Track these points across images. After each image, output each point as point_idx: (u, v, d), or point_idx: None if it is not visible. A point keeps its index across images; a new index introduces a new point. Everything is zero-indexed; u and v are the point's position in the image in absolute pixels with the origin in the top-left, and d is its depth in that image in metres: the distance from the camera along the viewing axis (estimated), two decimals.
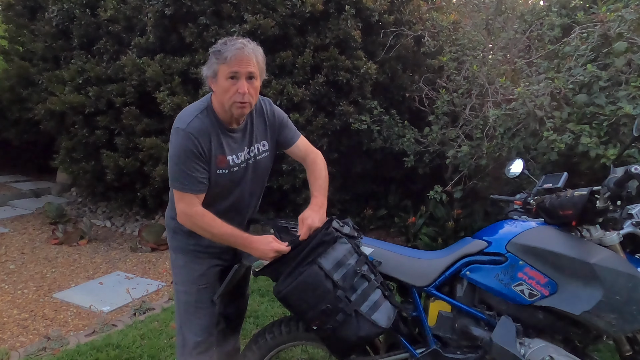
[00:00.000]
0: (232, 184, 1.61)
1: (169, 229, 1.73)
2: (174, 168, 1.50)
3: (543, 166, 2.92)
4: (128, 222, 5.07)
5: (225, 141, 1.56)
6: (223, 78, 1.46)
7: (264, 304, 3.06)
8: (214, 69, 1.47)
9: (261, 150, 1.67)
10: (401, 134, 4.07)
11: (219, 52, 1.45)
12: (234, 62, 1.43)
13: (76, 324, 2.93)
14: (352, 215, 4.71)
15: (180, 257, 1.68)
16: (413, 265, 1.66)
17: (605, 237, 1.54)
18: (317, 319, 1.42)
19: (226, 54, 1.43)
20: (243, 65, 1.45)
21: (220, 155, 1.54)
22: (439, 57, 4.02)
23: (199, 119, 1.50)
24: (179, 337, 1.74)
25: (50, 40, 4.72)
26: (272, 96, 3.82)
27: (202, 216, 1.51)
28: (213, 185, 1.56)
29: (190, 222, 1.53)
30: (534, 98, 2.86)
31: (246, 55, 1.45)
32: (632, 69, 2.66)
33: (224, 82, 1.46)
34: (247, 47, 1.46)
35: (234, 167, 1.58)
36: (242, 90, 1.45)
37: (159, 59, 3.99)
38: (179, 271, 1.70)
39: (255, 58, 1.48)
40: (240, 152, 1.60)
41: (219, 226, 1.50)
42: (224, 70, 1.45)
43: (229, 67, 1.44)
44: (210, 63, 1.49)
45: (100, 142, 4.50)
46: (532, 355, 1.49)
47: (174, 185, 1.53)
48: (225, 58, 1.43)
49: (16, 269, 3.76)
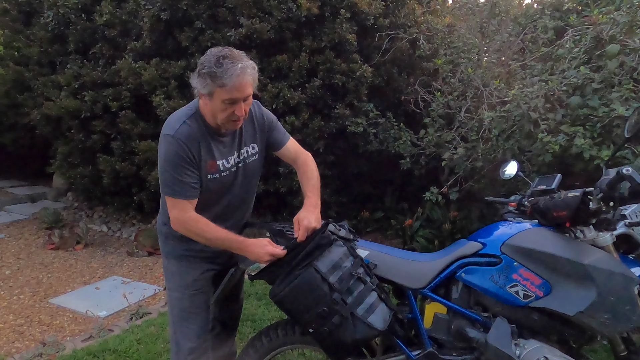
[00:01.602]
0: (223, 189, 1.61)
1: (160, 234, 1.72)
2: (164, 175, 1.50)
3: (537, 168, 2.93)
4: (125, 227, 5.06)
5: (215, 146, 1.55)
6: (219, 101, 1.43)
7: (261, 308, 3.06)
8: (210, 90, 1.42)
9: (250, 152, 1.67)
10: (397, 137, 4.09)
11: (216, 76, 1.38)
12: (233, 90, 1.40)
13: (72, 330, 2.91)
14: (349, 217, 4.71)
15: (173, 262, 1.68)
16: (408, 268, 1.67)
17: (599, 237, 1.55)
18: (314, 321, 1.43)
19: (225, 81, 1.38)
20: (241, 91, 1.42)
21: (210, 160, 1.54)
22: (434, 60, 4.04)
23: (187, 125, 1.49)
24: (173, 344, 1.73)
25: (45, 45, 4.71)
26: (268, 100, 3.83)
27: (195, 222, 1.51)
28: (204, 190, 1.56)
29: (183, 229, 1.52)
30: (528, 100, 2.88)
31: (245, 81, 1.41)
32: (625, 71, 2.69)
33: (219, 104, 1.43)
34: (246, 72, 1.41)
35: (225, 171, 1.58)
36: (240, 113, 1.45)
37: (155, 63, 3.99)
38: (172, 277, 1.69)
39: (252, 77, 1.44)
40: (230, 156, 1.60)
41: (213, 231, 1.50)
42: (222, 94, 1.41)
43: (228, 93, 1.40)
44: (205, 83, 1.41)
45: (96, 147, 4.50)
46: (527, 356, 1.49)
47: (166, 192, 1.52)
48: (224, 85, 1.38)
49: (12, 274, 3.75)
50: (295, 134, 3.98)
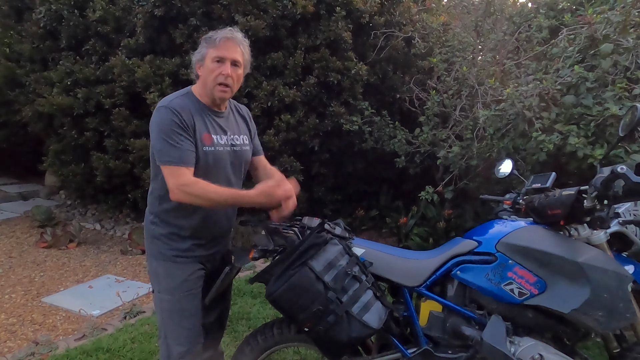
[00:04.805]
0: (219, 167, 1.61)
1: (147, 234, 1.68)
2: (160, 144, 1.49)
3: (532, 166, 2.95)
4: (118, 225, 5.02)
5: (209, 121, 1.60)
6: (210, 60, 1.55)
7: (256, 306, 3.05)
8: (203, 53, 1.58)
9: (244, 142, 1.71)
10: (392, 135, 4.09)
11: (210, 38, 1.57)
12: (221, 47, 1.54)
13: (65, 329, 2.89)
14: (344, 216, 4.72)
15: (161, 264, 1.63)
16: (404, 266, 1.67)
17: (593, 236, 1.56)
18: (309, 320, 1.42)
19: (215, 37, 1.55)
20: (230, 51, 1.55)
21: (206, 133, 1.57)
22: (429, 59, 4.04)
23: (180, 99, 1.57)
24: (163, 348, 1.67)
25: (37, 41, 4.65)
26: (263, 97, 3.82)
27: (195, 183, 1.48)
28: (201, 166, 1.55)
29: (185, 194, 1.48)
30: (522, 99, 2.89)
31: (234, 43, 1.56)
32: (618, 70, 2.71)
33: (210, 63, 1.55)
34: (235, 36, 1.57)
35: (219, 146, 1.60)
36: (226, 72, 1.54)
37: (149, 60, 3.96)
38: (160, 279, 1.64)
39: (241, 48, 1.59)
40: (223, 135, 1.63)
41: (215, 189, 1.48)
42: (212, 53, 1.55)
43: (216, 50, 1.54)
44: (200, 48, 1.59)
45: (89, 144, 4.46)
46: (522, 354, 1.50)
47: (162, 160, 1.50)
48: (215, 41, 1.54)
49: (4, 273, 3.71)
50: (290, 132, 3.98)
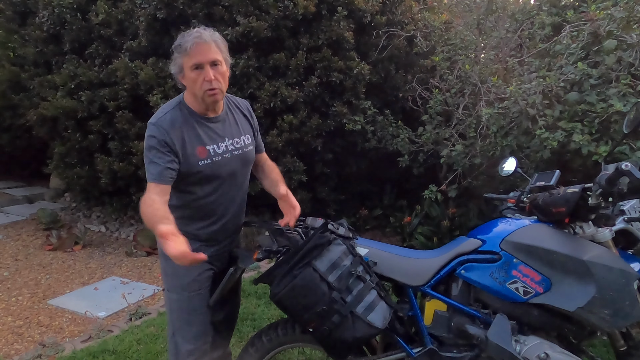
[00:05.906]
0: (218, 176, 1.60)
1: None
2: (145, 161, 1.51)
3: (536, 164, 2.93)
4: (123, 227, 5.04)
5: (203, 131, 1.56)
6: (189, 70, 1.48)
7: (261, 307, 3.05)
8: (179, 63, 1.50)
9: (247, 142, 1.69)
10: (395, 134, 4.08)
11: (180, 46, 1.48)
12: (194, 53, 1.45)
13: (72, 330, 2.91)
14: (348, 215, 4.71)
15: (170, 263, 1.62)
16: (408, 265, 1.67)
17: (598, 233, 1.55)
18: (313, 321, 1.42)
19: (185, 45, 1.45)
20: (204, 54, 1.46)
21: (200, 147, 1.54)
22: (432, 57, 4.03)
23: (171, 114, 1.53)
24: (171, 345, 1.71)
25: (41, 45, 4.68)
26: (265, 98, 3.82)
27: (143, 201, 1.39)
28: (199, 179, 1.55)
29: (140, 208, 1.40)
30: (526, 96, 2.88)
31: (205, 43, 1.46)
32: (622, 66, 2.69)
33: (190, 73, 1.48)
34: (204, 35, 1.47)
35: (216, 156, 1.58)
36: (208, 77, 1.46)
37: (152, 63, 3.98)
38: (169, 278, 1.67)
39: (214, 44, 1.49)
40: (221, 142, 1.60)
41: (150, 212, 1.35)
42: (188, 62, 1.47)
43: (191, 58, 1.46)
44: (174, 58, 1.51)
45: (93, 147, 4.47)
46: (527, 353, 1.49)
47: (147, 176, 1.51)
48: (186, 49, 1.45)
49: (10, 275, 3.73)
50: (293, 132, 3.98)
